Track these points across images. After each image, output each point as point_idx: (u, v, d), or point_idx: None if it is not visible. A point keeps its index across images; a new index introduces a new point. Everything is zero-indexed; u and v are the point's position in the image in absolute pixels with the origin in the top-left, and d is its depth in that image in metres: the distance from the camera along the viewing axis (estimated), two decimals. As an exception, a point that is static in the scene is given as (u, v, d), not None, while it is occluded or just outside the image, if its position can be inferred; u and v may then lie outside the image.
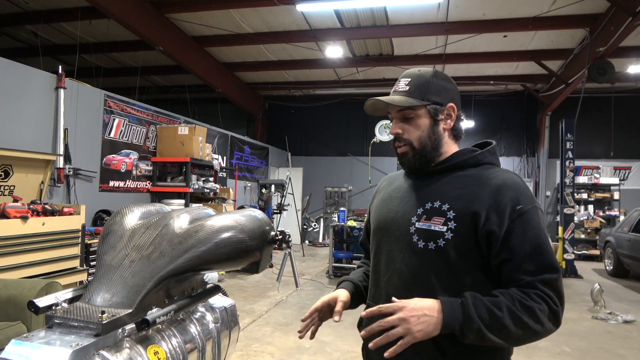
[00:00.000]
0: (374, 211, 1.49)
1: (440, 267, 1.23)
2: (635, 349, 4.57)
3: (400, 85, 1.36)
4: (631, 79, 10.33)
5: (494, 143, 1.39)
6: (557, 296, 1.15)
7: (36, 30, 8.80)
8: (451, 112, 1.34)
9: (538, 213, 1.23)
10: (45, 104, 5.16)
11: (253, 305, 5.77)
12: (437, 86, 1.33)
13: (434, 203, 1.28)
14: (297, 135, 13.68)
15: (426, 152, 1.33)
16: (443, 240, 1.23)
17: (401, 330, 1.09)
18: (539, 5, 7.34)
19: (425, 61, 9.84)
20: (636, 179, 11.97)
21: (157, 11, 7.86)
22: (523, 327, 1.12)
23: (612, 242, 8.67)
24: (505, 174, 1.27)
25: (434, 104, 1.32)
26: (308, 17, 8.13)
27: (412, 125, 1.33)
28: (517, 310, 1.12)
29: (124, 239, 1.33)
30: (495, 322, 1.11)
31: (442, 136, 1.34)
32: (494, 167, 1.33)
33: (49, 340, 1.04)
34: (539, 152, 12.27)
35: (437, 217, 1.25)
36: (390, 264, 1.33)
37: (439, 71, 1.38)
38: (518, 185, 1.24)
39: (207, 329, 1.49)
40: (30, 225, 3.76)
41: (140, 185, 6.89)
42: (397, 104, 1.31)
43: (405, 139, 1.33)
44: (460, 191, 1.26)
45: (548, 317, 1.13)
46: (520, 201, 1.20)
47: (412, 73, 1.37)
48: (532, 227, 1.19)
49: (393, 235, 1.34)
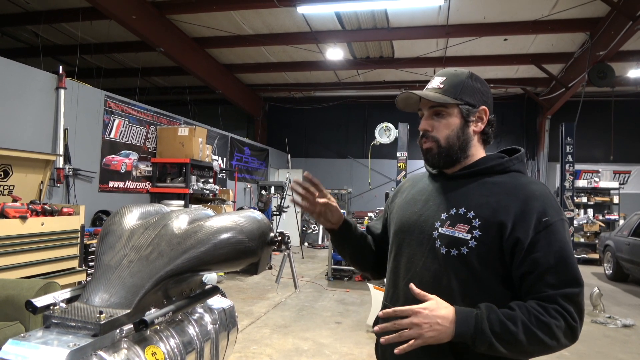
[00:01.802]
0: (397, 212, 1.46)
1: (461, 274, 1.22)
2: (634, 353, 4.57)
3: (434, 82, 1.35)
4: (631, 83, 10.35)
5: (522, 150, 1.37)
6: (577, 311, 1.14)
7: (37, 31, 8.81)
8: (483, 115, 1.33)
9: (564, 226, 1.21)
10: (45, 104, 5.16)
11: (252, 307, 5.76)
12: (471, 87, 1.32)
13: (459, 209, 1.26)
14: (297, 137, 13.68)
15: (453, 151, 1.31)
16: (466, 247, 1.21)
17: (413, 334, 1.11)
18: (540, 9, 7.35)
19: (425, 64, 9.86)
20: (636, 183, 11.98)
21: (157, 12, 7.87)
22: (538, 342, 1.11)
23: (612, 246, 8.67)
24: (534, 185, 1.26)
25: (466, 104, 1.30)
26: (309, 19, 8.14)
27: (441, 123, 1.31)
28: (533, 326, 1.11)
29: (122, 239, 1.33)
30: (509, 337, 1.10)
31: (471, 138, 1.32)
32: (521, 175, 1.31)
33: (47, 340, 1.04)
34: (538, 156, 12.28)
35: (461, 224, 1.23)
36: (411, 268, 1.32)
37: (475, 73, 1.37)
38: (546, 197, 1.22)
39: (205, 330, 1.48)
40: (29, 225, 3.75)
41: (139, 186, 6.89)
42: (431, 99, 1.30)
43: (433, 136, 1.32)
44: (487, 199, 1.24)
45: (564, 333, 1.13)
46: (547, 213, 1.19)
47: (448, 72, 1.36)
48: (557, 240, 1.17)
49: (416, 238, 1.33)
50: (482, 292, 1.20)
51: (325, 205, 1.42)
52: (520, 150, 1.36)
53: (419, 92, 1.31)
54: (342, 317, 5.36)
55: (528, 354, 1.16)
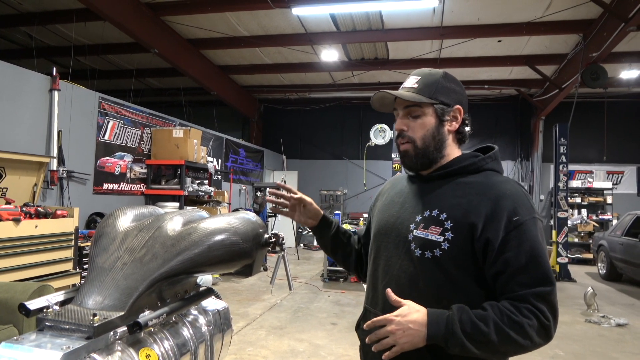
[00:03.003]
0: (376, 215, 1.48)
1: (436, 276, 1.23)
2: (628, 352, 4.60)
3: (409, 82, 1.35)
4: (624, 84, 10.44)
5: (496, 148, 1.38)
6: (550, 310, 1.14)
7: (30, 32, 8.77)
8: (457, 114, 1.33)
9: (536, 224, 1.20)
10: (39, 105, 5.14)
11: (247, 309, 5.75)
12: (446, 87, 1.32)
13: (432, 211, 1.27)
14: (293, 139, 13.68)
15: (428, 152, 1.32)
16: (439, 250, 1.22)
17: (390, 342, 1.14)
18: (533, 11, 7.40)
19: (420, 65, 9.80)
20: (629, 183, 12.07)
21: (152, 13, 7.85)
22: (510, 342, 1.12)
23: (605, 246, 8.72)
24: (506, 184, 1.26)
25: (441, 104, 1.31)
26: (304, 20, 8.15)
27: (417, 123, 1.32)
28: (505, 326, 1.11)
29: (116, 241, 1.32)
30: (481, 337, 1.11)
31: (445, 137, 1.33)
32: (495, 174, 1.32)
33: (40, 343, 1.03)
34: (532, 156, 12.34)
35: (434, 226, 1.24)
36: (389, 270, 1.33)
37: (449, 73, 1.37)
38: (517, 196, 1.22)
39: (199, 332, 1.48)
40: (22, 227, 3.73)
41: (134, 188, 6.86)
42: (406, 98, 1.31)
43: (409, 136, 1.33)
44: (459, 200, 1.25)
45: (538, 332, 1.13)
46: (517, 212, 1.19)
47: (423, 72, 1.37)
48: (528, 239, 1.17)
49: (393, 241, 1.34)
50: (457, 294, 1.21)
51: (299, 200, 1.49)
52: (494, 149, 1.37)
53: (393, 92, 1.32)
54: (338, 318, 5.36)
55: (502, 354, 1.17)
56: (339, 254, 1.62)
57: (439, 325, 1.13)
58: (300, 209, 1.52)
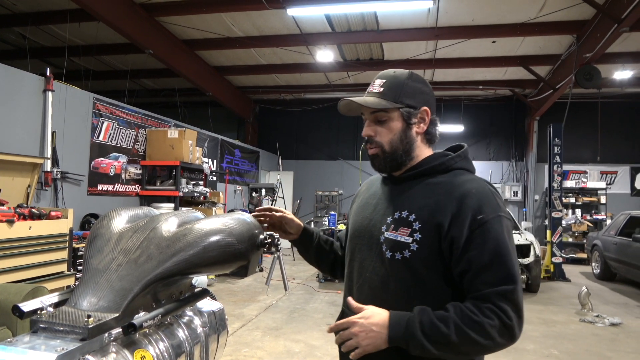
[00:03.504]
0: (352, 217, 1.50)
1: (406, 277, 1.23)
2: (622, 352, 4.62)
3: (374, 86, 1.34)
4: (617, 84, 10.50)
5: (465, 146, 1.38)
6: (514, 309, 1.13)
7: (24, 32, 8.71)
8: (425, 116, 1.33)
9: (502, 223, 1.19)
10: (32, 106, 5.11)
11: (243, 310, 5.74)
12: (411, 89, 1.31)
13: (402, 213, 1.27)
14: (288, 139, 13.68)
15: (397, 155, 1.32)
16: (409, 251, 1.22)
17: (353, 343, 1.16)
18: (527, 12, 7.44)
19: (415, 66, 9.91)
20: (622, 183, 12.15)
21: (147, 14, 7.82)
22: (471, 343, 1.11)
23: (599, 246, 8.78)
24: (473, 182, 1.25)
25: (407, 107, 1.30)
26: (299, 21, 8.16)
27: (384, 128, 1.31)
28: (466, 326, 1.11)
29: (111, 242, 1.32)
30: (441, 339, 1.11)
31: (414, 140, 1.33)
32: (465, 173, 1.31)
33: (34, 344, 1.03)
34: (527, 157, 12.40)
35: (403, 227, 1.25)
36: (362, 273, 1.34)
37: (415, 73, 1.36)
38: (483, 194, 1.21)
39: (195, 333, 1.48)
40: (16, 229, 3.71)
41: (129, 189, 6.84)
42: (370, 105, 1.30)
43: (377, 142, 1.32)
44: (427, 200, 1.25)
45: (500, 332, 1.11)
46: (482, 210, 1.18)
47: (387, 74, 1.35)
48: (492, 238, 1.16)
49: (366, 243, 1.35)
50: (428, 294, 1.21)
51: (281, 217, 1.55)
52: (463, 147, 1.37)
53: (358, 99, 1.31)
54: (334, 319, 5.34)
55: (464, 355, 1.16)
56: (323, 264, 1.64)
57: (399, 327, 1.14)
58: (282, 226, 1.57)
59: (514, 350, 4.57)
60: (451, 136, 12.69)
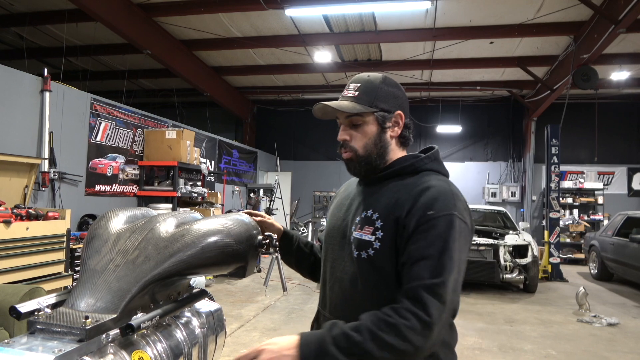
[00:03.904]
0: (328, 218, 1.52)
1: (372, 276, 1.23)
2: (619, 352, 4.64)
3: (349, 90, 1.35)
4: (614, 85, 10.53)
5: (435, 148, 1.38)
6: (437, 305, 1.08)
7: (22, 33, 8.70)
8: (399, 119, 1.34)
9: (452, 222, 1.16)
10: (30, 107, 5.10)
11: (241, 310, 5.74)
12: (385, 93, 1.32)
13: (368, 212, 1.28)
14: (286, 140, 13.68)
15: (371, 159, 1.32)
16: (372, 249, 1.23)
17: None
18: (525, 13, 7.46)
19: (413, 66, 9.93)
20: (619, 184, 12.18)
21: (145, 14, 7.82)
22: (388, 348, 1.05)
23: (597, 246, 8.80)
24: (434, 181, 1.25)
25: (381, 111, 1.31)
26: (297, 21, 8.16)
27: (359, 132, 1.32)
28: (380, 331, 1.06)
29: (108, 243, 1.31)
30: (356, 349, 1.05)
31: (388, 143, 1.34)
32: (433, 174, 1.30)
33: (31, 346, 1.02)
34: (525, 157, 12.43)
35: (367, 226, 1.26)
36: (334, 272, 1.36)
37: (389, 77, 1.37)
38: (440, 193, 1.20)
39: (193, 334, 1.48)
40: (13, 229, 3.70)
41: (127, 190, 6.83)
42: (345, 110, 1.30)
43: (351, 146, 1.33)
44: (389, 200, 1.26)
45: (418, 332, 1.06)
46: (433, 207, 1.17)
47: (362, 78, 1.36)
48: (436, 234, 1.14)
49: (338, 243, 1.36)
50: (394, 291, 1.19)
51: (261, 222, 1.56)
52: (434, 148, 1.38)
53: (333, 104, 1.31)
54: (332, 320, 5.36)
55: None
56: (302, 267, 1.65)
57: (309, 346, 1.08)
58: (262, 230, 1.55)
59: (511, 350, 4.58)
60: (449, 137, 12.73)
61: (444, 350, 1.24)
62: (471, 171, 12.79)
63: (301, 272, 1.67)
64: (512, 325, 5.49)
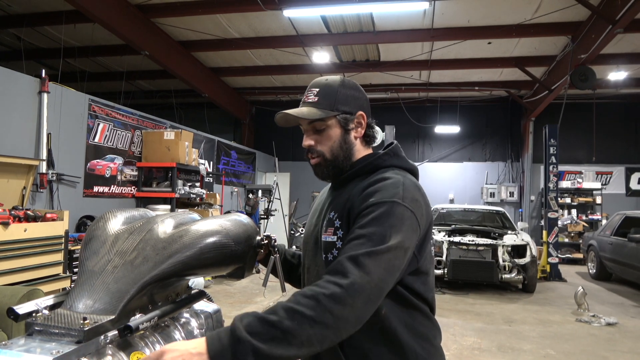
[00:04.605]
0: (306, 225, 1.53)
1: None
2: (618, 351, 4.64)
3: (309, 96, 1.35)
4: (612, 85, 10.56)
5: (394, 143, 1.37)
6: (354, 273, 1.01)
7: (19, 34, 8.68)
8: (361, 120, 1.35)
9: (390, 207, 1.13)
10: (28, 108, 5.09)
11: (240, 311, 5.72)
12: (345, 95, 1.33)
13: (330, 214, 1.29)
14: (285, 141, 13.65)
15: (339, 162, 1.33)
16: (336, 249, 1.23)
17: None
18: (522, 13, 7.47)
19: (411, 67, 9.94)
20: (617, 184, 12.20)
21: (142, 15, 7.81)
22: (308, 322, 0.96)
23: (595, 246, 8.81)
24: (389, 173, 1.25)
25: (343, 114, 1.31)
26: (295, 22, 8.16)
27: (323, 137, 1.33)
28: (297, 305, 0.98)
29: (106, 244, 1.31)
30: (273, 331, 0.94)
31: (353, 144, 1.34)
32: (391, 169, 1.29)
33: (29, 347, 1.02)
34: (523, 157, 12.44)
35: (330, 227, 1.27)
36: (310, 278, 1.37)
37: (347, 79, 1.38)
38: (390, 183, 1.19)
39: (191, 335, 1.47)
40: (11, 231, 3.69)
41: (125, 191, 6.81)
42: (306, 116, 1.30)
43: (318, 151, 1.33)
44: (345, 199, 1.27)
45: (337, 300, 0.98)
46: (374, 196, 1.17)
47: (320, 83, 1.36)
48: (369, 219, 1.12)
49: (312, 249, 1.37)
50: None
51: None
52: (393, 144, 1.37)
53: (293, 111, 1.31)
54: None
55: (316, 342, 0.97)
56: (293, 279, 1.66)
57: (220, 339, 0.95)
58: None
59: (510, 350, 4.59)
60: (448, 137, 12.75)
61: (422, 344, 1.22)
62: (469, 171, 12.80)
63: (292, 283, 1.68)
64: (511, 325, 5.49)
